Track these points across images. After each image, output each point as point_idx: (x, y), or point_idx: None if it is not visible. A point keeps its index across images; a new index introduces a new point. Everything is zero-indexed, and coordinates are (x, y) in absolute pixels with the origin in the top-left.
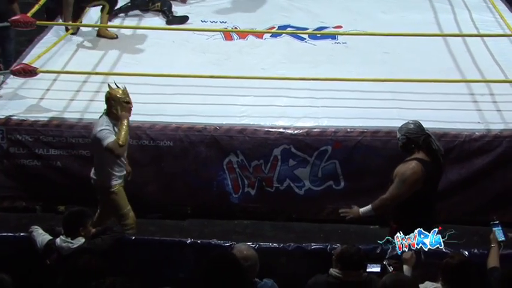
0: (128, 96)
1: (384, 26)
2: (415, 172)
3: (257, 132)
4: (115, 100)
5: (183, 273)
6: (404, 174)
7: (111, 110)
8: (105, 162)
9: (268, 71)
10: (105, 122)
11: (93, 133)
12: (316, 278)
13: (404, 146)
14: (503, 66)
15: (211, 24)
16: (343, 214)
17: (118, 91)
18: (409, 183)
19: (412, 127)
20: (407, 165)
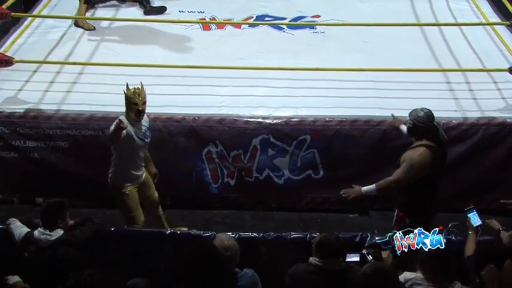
0: (138, 97)
1: (362, 15)
2: (423, 158)
3: (236, 122)
4: (126, 100)
5: (163, 264)
6: (412, 159)
7: (126, 109)
8: (120, 161)
9: (247, 61)
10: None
11: None
12: (296, 266)
13: (410, 131)
14: (480, 54)
15: (189, 14)
16: (345, 195)
17: (129, 91)
18: (417, 168)
19: (422, 115)
20: (416, 151)
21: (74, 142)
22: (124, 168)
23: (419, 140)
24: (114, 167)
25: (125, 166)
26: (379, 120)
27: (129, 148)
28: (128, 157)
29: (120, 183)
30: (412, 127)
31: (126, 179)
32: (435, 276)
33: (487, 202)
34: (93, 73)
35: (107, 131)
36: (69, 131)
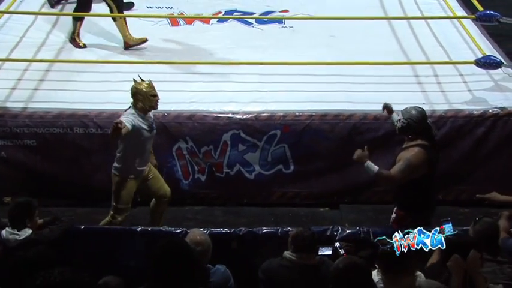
0: (154, 89)
1: (330, 9)
2: (419, 158)
3: (206, 118)
4: (141, 94)
5: (134, 261)
6: (408, 160)
7: (137, 103)
8: (127, 154)
9: (216, 56)
10: (130, 112)
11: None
12: (270, 261)
13: (402, 130)
14: (447, 48)
15: (157, 10)
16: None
17: (144, 84)
18: (412, 168)
19: (415, 114)
20: (411, 151)
21: (42, 140)
22: (131, 161)
23: (414, 140)
24: (121, 159)
25: (132, 159)
26: (349, 114)
27: (136, 141)
28: (135, 150)
29: (125, 174)
30: (406, 126)
31: (130, 171)
32: (396, 274)
33: (455, 193)
34: (61, 70)
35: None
36: (36, 129)
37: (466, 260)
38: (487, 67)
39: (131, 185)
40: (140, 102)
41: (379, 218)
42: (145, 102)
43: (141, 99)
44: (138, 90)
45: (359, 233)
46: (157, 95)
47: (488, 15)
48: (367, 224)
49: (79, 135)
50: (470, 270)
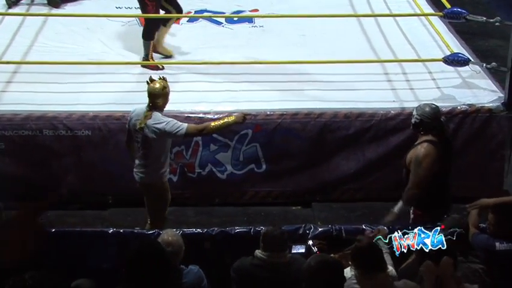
0: (168, 86)
1: (300, 8)
2: (428, 154)
3: (177, 118)
4: (157, 92)
5: (106, 263)
6: (418, 158)
7: (155, 102)
8: (157, 158)
9: (186, 56)
10: (158, 117)
11: (153, 128)
12: (242, 261)
13: (415, 126)
14: (415, 45)
15: (126, 10)
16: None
17: (160, 83)
18: (426, 165)
19: (428, 110)
20: (419, 149)
21: (11, 143)
22: (161, 165)
23: (425, 135)
24: (151, 165)
25: (161, 162)
26: (320, 112)
27: (164, 144)
28: (163, 153)
29: (160, 180)
30: (419, 122)
31: (163, 175)
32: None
33: None
34: (29, 72)
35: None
36: (4, 132)
37: (438, 265)
38: (455, 64)
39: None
40: (161, 100)
41: (350, 215)
42: (164, 98)
43: (162, 97)
44: (155, 90)
45: (331, 231)
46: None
47: (455, 12)
48: (339, 222)
49: (49, 138)
50: (442, 275)
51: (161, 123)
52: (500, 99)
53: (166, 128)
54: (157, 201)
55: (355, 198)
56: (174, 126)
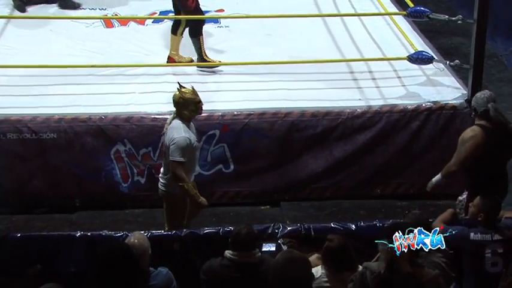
0: (197, 95)
1: (265, 8)
2: (473, 136)
3: (144, 119)
4: (187, 101)
5: (74, 267)
6: (463, 139)
7: (181, 112)
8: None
9: (152, 57)
10: (182, 128)
11: (171, 136)
12: (211, 262)
13: (472, 113)
14: (380, 44)
15: (90, 12)
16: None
17: (188, 91)
18: (469, 146)
19: (478, 96)
20: (467, 131)
21: None
22: (186, 175)
23: (478, 120)
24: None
25: (187, 173)
26: (287, 111)
27: (191, 155)
28: (190, 163)
29: (178, 189)
30: (472, 109)
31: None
32: (339, 270)
33: (392, 187)
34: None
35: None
36: None
37: None
38: (419, 62)
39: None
40: (185, 111)
41: (319, 214)
42: (191, 109)
43: (187, 107)
44: (184, 99)
45: (300, 229)
46: (201, 101)
47: (418, 11)
48: (307, 221)
49: (13, 141)
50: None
51: (177, 134)
52: (464, 96)
53: (171, 145)
54: (174, 211)
55: (324, 196)
56: (175, 150)
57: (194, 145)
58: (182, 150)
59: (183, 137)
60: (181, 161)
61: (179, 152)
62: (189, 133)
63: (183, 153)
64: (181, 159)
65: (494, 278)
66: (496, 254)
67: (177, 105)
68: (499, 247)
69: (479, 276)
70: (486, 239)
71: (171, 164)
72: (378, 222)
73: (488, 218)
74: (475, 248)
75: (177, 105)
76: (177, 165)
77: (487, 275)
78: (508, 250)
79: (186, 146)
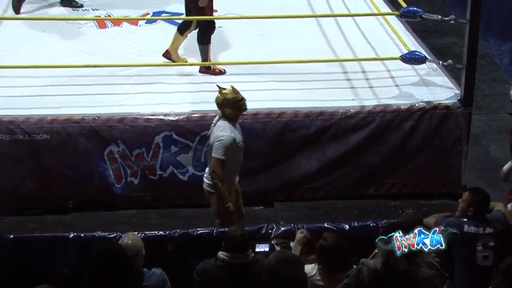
0: (239, 93)
1: (258, 8)
2: None
3: (137, 120)
4: (229, 101)
5: (67, 268)
6: None
7: (226, 112)
8: (228, 168)
9: (145, 57)
10: (228, 128)
11: (216, 134)
12: (204, 263)
13: None
14: (373, 44)
15: (83, 12)
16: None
17: (228, 91)
18: None
19: None
20: None
21: None
22: (227, 174)
23: None
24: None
25: (228, 171)
26: (280, 112)
27: (235, 154)
28: (232, 162)
29: (228, 189)
30: None
31: (230, 185)
32: (332, 269)
33: (386, 187)
34: None
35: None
36: None
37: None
38: (412, 62)
39: (232, 198)
40: (229, 110)
41: (313, 214)
42: (234, 108)
43: (230, 107)
44: (225, 99)
45: (294, 230)
46: (243, 98)
47: (411, 11)
48: (301, 221)
49: (5, 142)
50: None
51: (222, 133)
52: (457, 96)
53: (216, 142)
54: (220, 210)
55: (317, 197)
56: (219, 148)
57: (239, 145)
58: (226, 149)
59: (229, 135)
60: (223, 159)
61: (222, 150)
62: (235, 133)
63: (226, 152)
64: (223, 158)
65: (485, 271)
66: (487, 247)
67: (220, 107)
68: (490, 240)
69: (470, 269)
70: (478, 232)
71: (212, 160)
72: (371, 222)
73: (478, 212)
74: (467, 240)
75: (220, 107)
76: (218, 162)
77: (478, 268)
78: (498, 243)
79: (230, 145)
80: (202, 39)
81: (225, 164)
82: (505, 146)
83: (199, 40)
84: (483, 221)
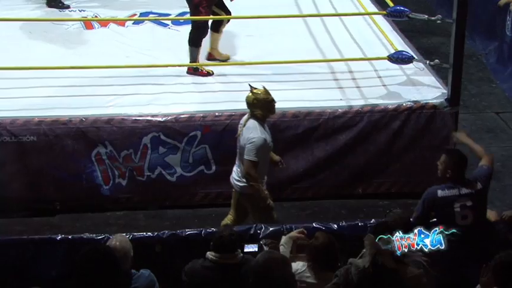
0: (270, 95)
1: (245, 8)
2: None
3: (125, 121)
4: (260, 102)
5: (55, 270)
6: None
7: (256, 112)
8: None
9: (133, 58)
10: (258, 129)
11: (247, 136)
12: (193, 263)
13: None
14: (360, 44)
15: (69, 13)
16: None
17: (260, 92)
18: None
19: None
20: None
21: None
22: (260, 174)
23: None
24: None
25: (260, 172)
26: None
27: (267, 154)
28: (261, 164)
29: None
30: None
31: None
32: (322, 268)
33: (374, 186)
34: None
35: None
36: None
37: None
38: (399, 62)
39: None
40: (259, 110)
41: (301, 214)
42: (265, 109)
43: (260, 107)
44: (256, 98)
45: (282, 229)
46: (274, 100)
47: (398, 11)
48: (290, 221)
49: None
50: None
51: (254, 134)
52: (444, 95)
53: (247, 145)
54: (256, 211)
55: (305, 196)
56: (251, 150)
57: (270, 145)
58: (258, 150)
59: (260, 137)
60: (256, 160)
61: (255, 152)
62: (265, 134)
63: (258, 153)
64: (256, 159)
65: (466, 231)
66: (465, 207)
67: (251, 106)
68: (467, 200)
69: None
70: (453, 193)
71: (245, 162)
72: (359, 222)
73: (456, 173)
74: (443, 204)
75: (251, 106)
76: (251, 164)
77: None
78: (477, 202)
79: (262, 146)
80: (193, 41)
81: (257, 165)
82: (491, 145)
83: (190, 41)
84: (460, 182)
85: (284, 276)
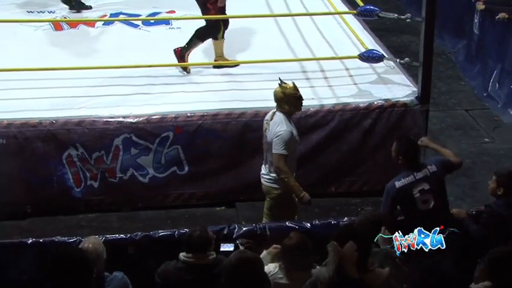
0: (298, 91)
1: None
2: None
3: (96, 123)
4: (289, 97)
5: (27, 275)
6: None
7: (283, 107)
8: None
9: (103, 59)
10: (284, 122)
11: (274, 130)
12: (166, 265)
13: None
14: (331, 43)
15: (38, 15)
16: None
17: (290, 87)
18: None
19: None
20: None
21: None
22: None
23: None
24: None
25: (290, 167)
26: (240, 112)
27: (292, 149)
28: (291, 159)
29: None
30: None
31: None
32: (295, 268)
33: (346, 185)
34: None
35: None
36: None
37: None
38: (370, 61)
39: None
40: (287, 105)
41: None
42: (292, 104)
43: (288, 102)
44: (286, 94)
45: (256, 229)
46: (302, 96)
47: (368, 10)
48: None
49: None
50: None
51: (277, 131)
52: (414, 94)
53: (275, 139)
54: (280, 208)
55: None
56: (279, 143)
57: (296, 139)
58: (286, 144)
59: (287, 130)
60: (285, 154)
61: (283, 145)
62: (291, 127)
63: (287, 146)
64: (285, 152)
65: (428, 214)
66: (424, 191)
67: (278, 101)
68: (424, 184)
69: (414, 216)
70: (410, 181)
71: (274, 156)
72: (332, 220)
73: (407, 159)
74: (404, 194)
75: (278, 101)
76: (281, 158)
77: (420, 212)
78: (435, 185)
79: (289, 139)
80: (200, 34)
81: (287, 158)
82: (461, 142)
83: (197, 32)
84: (413, 168)
85: (256, 275)
